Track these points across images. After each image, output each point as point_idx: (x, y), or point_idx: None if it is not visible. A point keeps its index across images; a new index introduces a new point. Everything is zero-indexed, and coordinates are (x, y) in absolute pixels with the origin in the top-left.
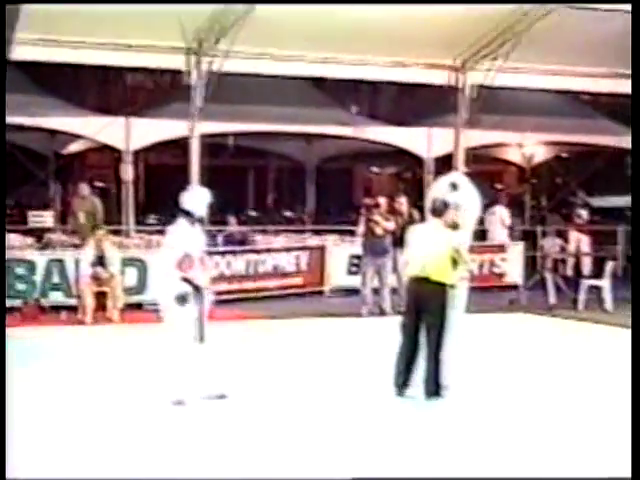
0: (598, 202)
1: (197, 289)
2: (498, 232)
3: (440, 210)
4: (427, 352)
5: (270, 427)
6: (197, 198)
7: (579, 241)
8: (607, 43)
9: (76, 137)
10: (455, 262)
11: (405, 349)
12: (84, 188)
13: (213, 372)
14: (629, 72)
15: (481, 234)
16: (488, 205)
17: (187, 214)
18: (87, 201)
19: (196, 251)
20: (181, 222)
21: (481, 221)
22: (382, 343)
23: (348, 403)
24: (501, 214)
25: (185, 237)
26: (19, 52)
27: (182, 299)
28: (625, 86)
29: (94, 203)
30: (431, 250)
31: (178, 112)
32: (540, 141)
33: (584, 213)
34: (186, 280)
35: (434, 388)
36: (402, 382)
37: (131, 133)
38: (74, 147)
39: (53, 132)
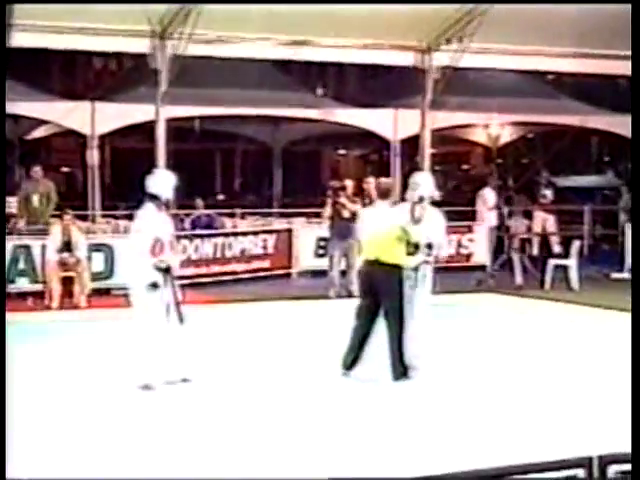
0: (563, 182)
1: (168, 273)
2: (486, 214)
3: (385, 192)
4: (389, 335)
5: (233, 411)
6: (163, 181)
7: (545, 221)
8: (571, 22)
9: (41, 122)
10: (410, 244)
11: (357, 332)
12: (37, 171)
13: (184, 356)
14: (595, 52)
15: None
16: (478, 188)
17: (154, 198)
18: (40, 184)
19: (165, 235)
20: (148, 206)
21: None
22: (349, 325)
23: (310, 385)
24: (484, 196)
25: (154, 221)
26: None
27: (153, 286)
28: (590, 66)
29: (48, 186)
30: (378, 232)
31: (144, 96)
32: (506, 122)
33: (549, 193)
34: (157, 265)
35: (401, 370)
36: (350, 362)
37: (96, 118)
38: (39, 132)
39: (17, 117)
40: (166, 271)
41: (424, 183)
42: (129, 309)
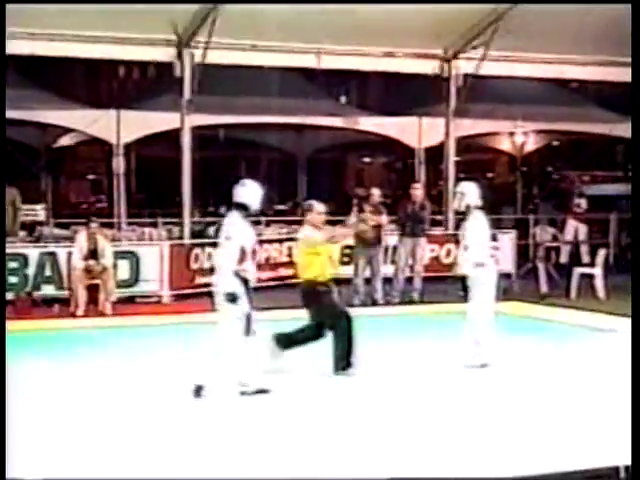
0: (589, 190)
1: (246, 283)
2: None
3: (304, 211)
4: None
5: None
6: (252, 192)
7: (577, 230)
8: (597, 30)
9: (67, 130)
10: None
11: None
12: None
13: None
14: (619, 59)
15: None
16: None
17: (241, 207)
18: (5, 193)
19: (249, 245)
20: (235, 215)
21: None
22: (372, 333)
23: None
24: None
25: (242, 230)
26: (9, 46)
27: (232, 297)
28: (615, 74)
29: (12, 195)
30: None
31: (169, 104)
32: (530, 130)
33: (583, 202)
34: (240, 275)
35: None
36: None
37: (122, 126)
38: (65, 140)
39: (44, 126)
40: (246, 281)
41: (470, 192)
42: (155, 317)
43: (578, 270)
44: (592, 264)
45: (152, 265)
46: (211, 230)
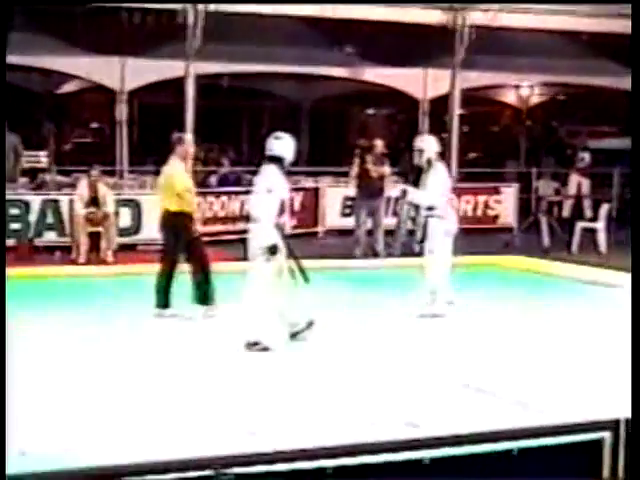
0: (594, 144)
1: (284, 234)
2: None
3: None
4: None
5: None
6: (288, 146)
7: (580, 184)
8: None
9: (71, 77)
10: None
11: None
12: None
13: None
14: (627, 11)
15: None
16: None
17: (276, 160)
18: (6, 139)
19: (287, 197)
20: (272, 168)
21: None
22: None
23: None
24: None
25: (281, 183)
26: None
27: (273, 249)
28: (624, 26)
29: (13, 141)
30: None
31: (173, 52)
32: (537, 82)
33: (587, 156)
34: (278, 226)
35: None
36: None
37: (126, 73)
38: (68, 87)
39: (47, 72)
40: (283, 232)
41: (428, 147)
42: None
43: (580, 224)
44: (595, 218)
45: (154, 213)
46: (213, 179)
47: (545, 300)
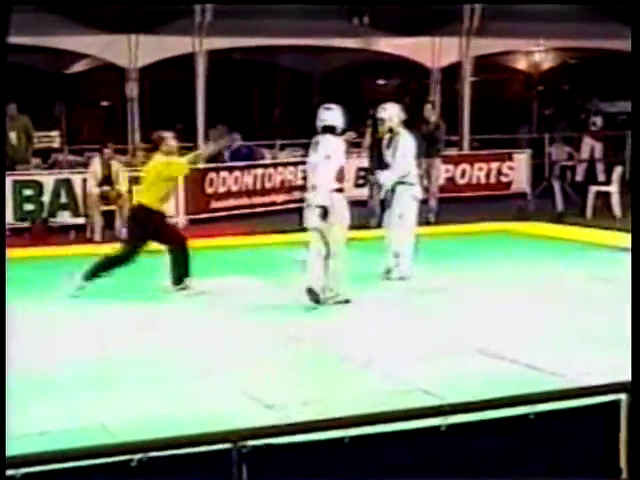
0: (606, 107)
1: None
2: None
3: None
4: None
5: None
6: (338, 114)
7: (593, 148)
8: None
9: (80, 56)
10: None
11: None
12: (12, 108)
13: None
14: None
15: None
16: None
17: (330, 129)
18: (17, 121)
19: (344, 164)
20: (327, 137)
21: None
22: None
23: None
24: None
25: (339, 150)
26: None
27: (325, 212)
28: None
29: (24, 121)
30: None
31: (184, 28)
32: (548, 47)
33: (599, 120)
34: (338, 190)
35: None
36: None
37: (136, 50)
38: (78, 66)
39: (57, 51)
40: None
41: (389, 116)
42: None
43: (594, 188)
44: (608, 182)
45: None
46: (226, 154)
47: (559, 265)
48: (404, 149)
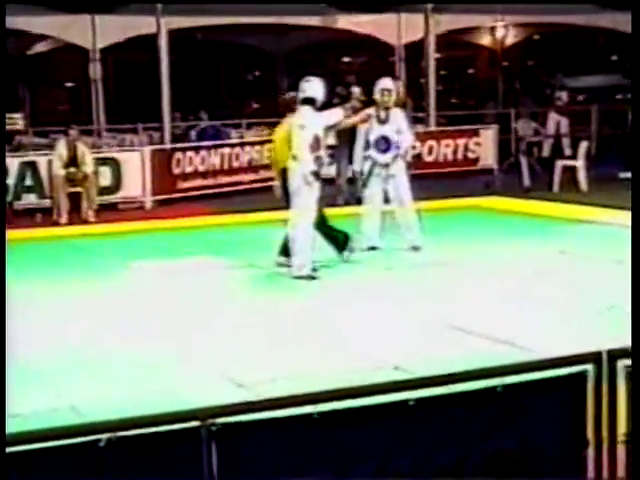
0: (570, 82)
1: (320, 167)
2: None
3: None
4: None
5: None
6: (317, 87)
7: (559, 123)
8: None
9: (42, 37)
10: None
11: None
12: None
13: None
14: None
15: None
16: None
17: (309, 101)
18: None
19: (320, 133)
20: (305, 108)
21: None
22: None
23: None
24: None
25: (313, 120)
26: None
27: (315, 175)
28: None
29: None
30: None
31: (144, 8)
32: (510, 23)
33: (564, 95)
34: (314, 160)
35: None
36: None
37: (97, 31)
38: (40, 47)
39: (18, 32)
40: (320, 166)
41: (396, 89)
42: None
43: (560, 163)
44: (574, 157)
45: (133, 171)
46: (193, 134)
47: (527, 239)
48: (406, 122)
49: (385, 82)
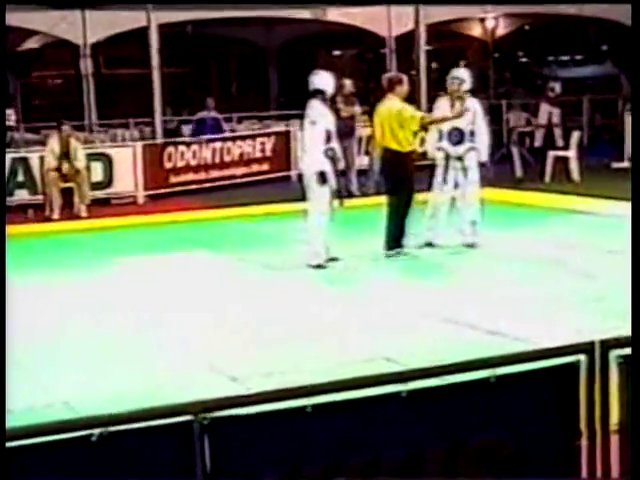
0: (562, 73)
1: (335, 161)
2: None
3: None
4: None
5: None
6: (327, 79)
7: (550, 114)
8: None
9: (32, 33)
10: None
11: None
12: None
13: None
14: None
15: None
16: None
17: (319, 93)
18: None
19: (331, 127)
20: (315, 102)
21: None
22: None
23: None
24: None
25: (325, 114)
26: None
27: (322, 176)
28: None
29: None
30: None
31: (134, 2)
32: (501, 14)
33: (557, 86)
34: (327, 154)
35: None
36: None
37: (87, 26)
38: (31, 43)
39: (8, 29)
40: (333, 159)
41: (467, 78)
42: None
43: (552, 153)
44: (566, 147)
45: (125, 166)
46: (184, 128)
47: (520, 230)
48: (481, 114)
49: (458, 71)
